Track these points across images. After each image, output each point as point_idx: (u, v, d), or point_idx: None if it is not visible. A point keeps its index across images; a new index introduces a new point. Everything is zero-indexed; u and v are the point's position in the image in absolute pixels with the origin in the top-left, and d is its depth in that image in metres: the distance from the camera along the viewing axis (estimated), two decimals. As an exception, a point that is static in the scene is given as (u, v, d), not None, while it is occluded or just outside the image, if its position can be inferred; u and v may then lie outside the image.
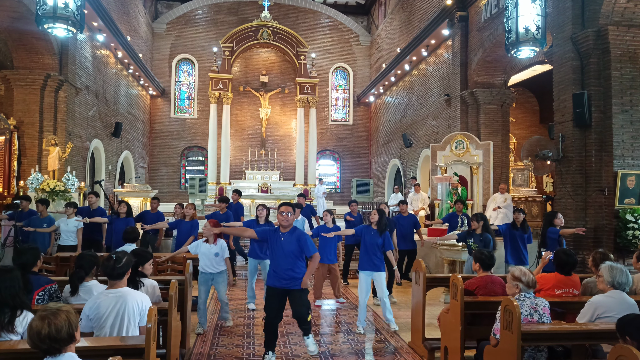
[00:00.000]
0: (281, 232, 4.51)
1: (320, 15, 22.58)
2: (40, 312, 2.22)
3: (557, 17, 8.62)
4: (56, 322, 2.16)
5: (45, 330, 2.13)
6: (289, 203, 4.74)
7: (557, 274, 4.22)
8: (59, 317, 2.18)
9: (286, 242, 4.45)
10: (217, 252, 5.45)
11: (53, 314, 2.18)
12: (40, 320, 2.16)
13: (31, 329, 2.17)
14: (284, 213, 4.48)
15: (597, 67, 7.99)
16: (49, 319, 2.16)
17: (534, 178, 14.15)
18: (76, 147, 12.23)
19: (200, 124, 21.43)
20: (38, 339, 2.14)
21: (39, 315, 2.19)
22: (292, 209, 4.56)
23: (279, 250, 4.46)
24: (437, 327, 4.79)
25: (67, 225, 7.40)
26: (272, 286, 4.53)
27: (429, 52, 15.19)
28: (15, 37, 10.70)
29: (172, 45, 21.48)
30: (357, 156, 22.68)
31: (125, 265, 3.30)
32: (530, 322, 3.38)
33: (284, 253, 4.43)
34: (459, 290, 4.05)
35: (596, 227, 7.89)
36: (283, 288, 4.46)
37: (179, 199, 18.48)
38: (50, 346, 2.15)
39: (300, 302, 4.48)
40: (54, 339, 2.15)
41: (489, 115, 12.46)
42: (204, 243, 5.47)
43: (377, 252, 5.63)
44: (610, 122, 7.80)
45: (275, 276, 4.50)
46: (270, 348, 4.50)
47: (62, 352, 2.17)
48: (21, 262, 3.64)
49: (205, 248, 5.44)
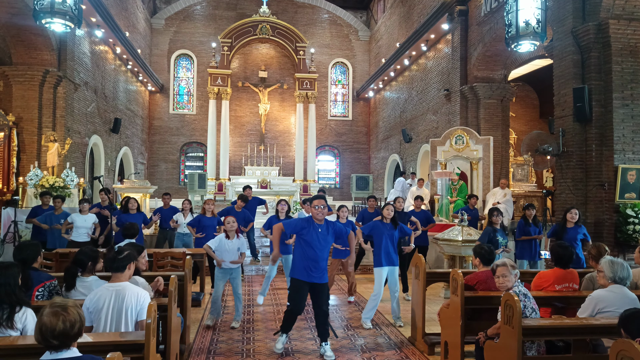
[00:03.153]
0: (317, 224, 4.58)
1: (319, 10, 22.49)
2: (50, 307, 2.16)
3: (557, 10, 8.57)
4: (70, 318, 2.13)
5: (60, 327, 2.09)
6: (322, 196, 4.78)
7: (556, 270, 4.21)
8: (71, 312, 2.14)
9: (323, 234, 4.56)
10: (239, 247, 5.46)
11: (64, 309, 2.14)
12: (54, 316, 2.11)
13: (44, 325, 2.11)
14: (317, 206, 4.57)
15: (598, 61, 7.96)
16: (63, 315, 2.12)
17: (534, 173, 14.14)
18: (75, 143, 12.20)
19: (199, 119, 21.38)
20: (52, 335, 2.10)
21: (51, 311, 2.13)
22: (326, 202, 4.67)
23: (316, 242, 4.52)
24: (437, 322, 4.79)
25: (85, 221, 7.36)
26: (301, 279, 4.53)
27: (429, 47, 15.13)
28: (14, 33, 10.65)
29: (170, 40, 21.40)
30: (357, 152, 22.66)
31: (126, 258, 3.29)
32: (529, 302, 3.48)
33: (320, 245, 4.53)
34: (459, 285, 4.05)
35: (596, 222, 7.89)
36: (311, 282, 4.51)
37: (178, 195, 18.48)
38: (63, 342, 2.12)
39: (326, 296, 4.58)
40: (67, 335, 2.12)
41: (489, 110, 12.44)
42: (225, 239, 5.45)
43: (392, 246, 5.58)
44: (611, 116, 7.78)
45: (307, 268, 4.50)
46: (285, 331, 4.62)
47: (70, 347, 2.16)
48: (21, 258, 3.63)
49: (228, 244, 5.43)
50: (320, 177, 22.29)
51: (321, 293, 4.53)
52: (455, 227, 7.36)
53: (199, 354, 4.57)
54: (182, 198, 11.37)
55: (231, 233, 5.44)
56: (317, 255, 4.50)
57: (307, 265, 4.50)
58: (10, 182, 10.85)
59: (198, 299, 6.48)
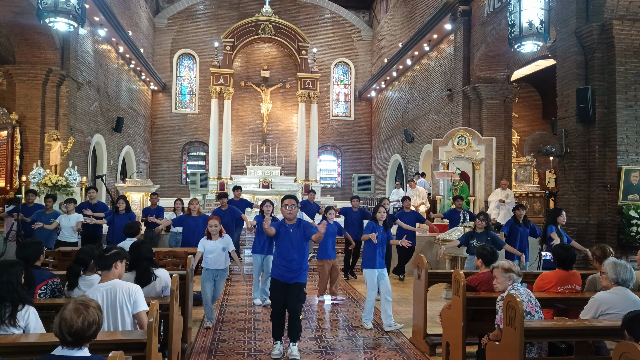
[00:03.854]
0: (288, 225, 4.56)
1: (322, 10, 22.48)
2: (74, 303, 2.18)
3: (560, 11, 8.55)
4: (89, 318, 2.13)
5: (78, 325, 2.10)
6: (292, 196, 4.76)
7: (559, 271, 4.20)
8: (92, 313, 2.16)
9: (294, 234, 4.52)
10: (224, 247, 5.44)
11: (87, 308, 2.15)
12: (75, 313, 2.12)
13: (64, 319, 2.12)
14: (287, 206, 4.55)
15: (601, 61, 7.92)
16: (84, 313, 2.13)
17: (536, 174, 14.11)
18: (78, 141, 12.22)
19: (202, 119, 21.40)
20: (68, 332, 2.11)
21: (74, 307, 2.15)
22: (296, 202, 4.62)
23: (287, 242, 4.50)
24: (438, 323, 4.78)
25: (69, 221, 7.38)
26: (277, 279, 4.54)
27: (431, 47, 15.11)
28: (18, 32, 10.68)
29: (173, 40, 21.42)
30: (359, 151, 22.64)
31: (112, 256, 3.29)
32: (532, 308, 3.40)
33: (292, 245, 4.50)
34: (460, 286, 4.04)
35: (599, 224, 7.86)
36: (286, 282, 4.49)
37: (180, 194, 18.48)
38: (76, 340, 2.13)
39: (298, 296, 4.50)
40: (82, 334, 2.12)
41: (492, 110, 12.41)
42: (207, 240, 5.44)
43: (383, 248, 5.61)
44: (614, 117, 7.75)
45: (281, 269, 4.51)
46: (277, 337, 4.57)
47: (82, 347, 2.16)
48: (24, 256, 3.64)
49: (210, 245, 5.41)
50: (322, 177, 22.28)
51: (292, 293, 4.48)
52: (456, 228, 7.36)
53: (200, 353, 4.58)
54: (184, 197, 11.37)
55: (214, 235, 5.42)
56: (288, 255, 4.49)
57: (280, 266, 4.52)
58: (13, 181, 10.88)
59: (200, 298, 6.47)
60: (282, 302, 4.54)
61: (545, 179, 15.31)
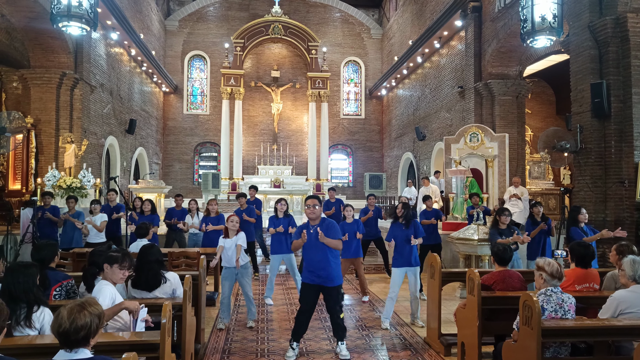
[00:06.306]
0: (311, 225, 4.52)
1: (331, 9, 22.44)
2: (73, 302, 2.11)
3: (574, 5, 8.40)
4: (79, 322, 2.03)
5: (64, 326, 2.03)
6: (315, 196, 4.73)
7: (577, 269, 4.11)
8: (84, 316, 2.05)
9: (315, 234, 4.43)
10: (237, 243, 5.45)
11: (80, 310, 2.06)
12: (68, 313, 2.05)
13: (56, 319, 2.06)
14: (309, 206, 4.52)
15: (616, 55, 7.77)
16: (75, 316, 2.03)
17: (551, 170, 13.91)
18: (92, 144, 12.37)
19: (213, 119, 21.52)
20: (56, 332, 2.06)
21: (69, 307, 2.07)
22: (319, 201, 4.58)
23: (311, 243, 4.44)
24: (453, 322, 4.73)
25: (95, 221, 7.46)
26: (308, 282, 4.51)
27: (442, 44, 14.98)
28: (32, 37, 10.84)
29: (184, 42, 21.57)
30: (370, 150, 22.56)
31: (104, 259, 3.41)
32: (554, 318, 3.31)
33: (316, 246, 4.43)
34: (475, 285, 3.98)
35: (616, 220, 7.71)
36: (318, 285, 4.47)
37: (192, 195, 18.59)
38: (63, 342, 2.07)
39: (335, 300, 4.48)
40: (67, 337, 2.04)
41: (504, 106, 12.26)
42: (224, 239, 5.46)
43: (408, 246, 5.51)
44: (630, 111, 7.60)
45: (310, 272, 4.49)
46: (296, 339, 4.53)
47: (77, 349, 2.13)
48: (39, 257, 3.68)
49: (227, 243, 5.44)
50: (333, 176, 22.26)
51: (330, 296, 4.47)
52: (471, 226, 7.27)
53: (213, 354, 4.59)
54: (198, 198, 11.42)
55: (231, 232, 5.44)
56: (313, 256, 4.46)
57: (310, 268, 4.49)
58: (28, 183, 11.05)
59: (212, 298, 6.51)
60: (309, 305, 4.52)
61: (560, 176, 15.07)
